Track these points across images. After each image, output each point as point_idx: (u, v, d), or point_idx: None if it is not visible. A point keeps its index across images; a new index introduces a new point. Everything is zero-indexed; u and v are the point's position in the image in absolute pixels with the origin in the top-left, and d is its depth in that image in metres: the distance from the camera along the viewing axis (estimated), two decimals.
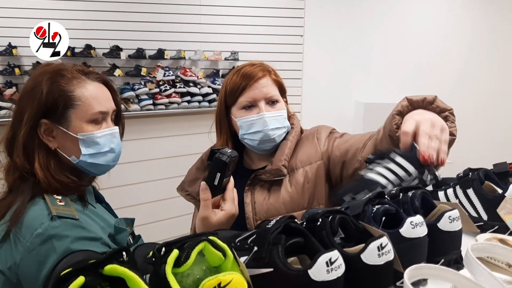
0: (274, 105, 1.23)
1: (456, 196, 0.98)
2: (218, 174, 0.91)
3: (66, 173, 1.00)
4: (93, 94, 1.01)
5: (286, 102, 1.32)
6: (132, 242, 1.04)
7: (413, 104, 0.97)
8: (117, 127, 1.09)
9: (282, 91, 1.29)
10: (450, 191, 1.00)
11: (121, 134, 1.14)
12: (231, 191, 0.97)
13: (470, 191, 0.94)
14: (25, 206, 0.92)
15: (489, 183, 0.94)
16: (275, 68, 1.31)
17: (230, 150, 0.92)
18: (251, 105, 1.22)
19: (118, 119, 1.13)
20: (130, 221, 1.08)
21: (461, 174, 1.00)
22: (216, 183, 0.92)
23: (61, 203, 0.93)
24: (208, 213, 0.93)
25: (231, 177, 0.98)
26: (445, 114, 0.96)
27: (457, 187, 0.98)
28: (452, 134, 0.92)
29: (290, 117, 1.33)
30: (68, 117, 0.99)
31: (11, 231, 0.89)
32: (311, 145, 1.27)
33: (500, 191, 0.92)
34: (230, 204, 0.96)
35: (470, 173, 0.97)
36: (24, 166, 0.97)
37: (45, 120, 0.98)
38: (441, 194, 1.02)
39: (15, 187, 0.97)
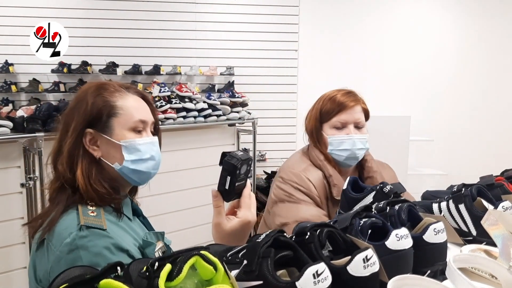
0: (360, 130, 1.47)
1: (449, 210, 1.00)
2: (228, 178, 0.87)
3: (105, 183, 1.03)
4: (134, 105, 1.09)
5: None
6: (161, 255, 1.04)
7: None
8: (156, 137, 1.16)
9: (367, 117, 1.53)
10: (443, 204, 1.02)
11: (159, 145, 1.21)
12: (247, 198, 0.93)
13: (462, 207, 0.96)
14: (58, 215, 0.96)
15: (481, 199, 0.95)
16: (360, 92, 1.54)
17: (241, 153, 0.88)
18: (342, 127, 1.45)
19: (157, 132, 1.20)
20: (160, 235, 1.10)
21: (455, 189, 1.02)
22: (227, 187, 0.88)
23: (93, 214, 0.97)
24: (221, 220, 0.89)
25: (248, 182, 0.94)
26: None
27: (450, 201, 0.99)
28: None
29: None
30: (111, 126, 1.05)
31: (46, 239, 0.94)
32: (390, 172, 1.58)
33: (491, 208, 0.93)
34: (245, 211, 0.91)
35: (463, 189, 0.98)
36: (65, 174, 1.01)
37: (90, 130, 1.04)
38: (435, 206, 1.04)
39: (53, 198, 1.02)
